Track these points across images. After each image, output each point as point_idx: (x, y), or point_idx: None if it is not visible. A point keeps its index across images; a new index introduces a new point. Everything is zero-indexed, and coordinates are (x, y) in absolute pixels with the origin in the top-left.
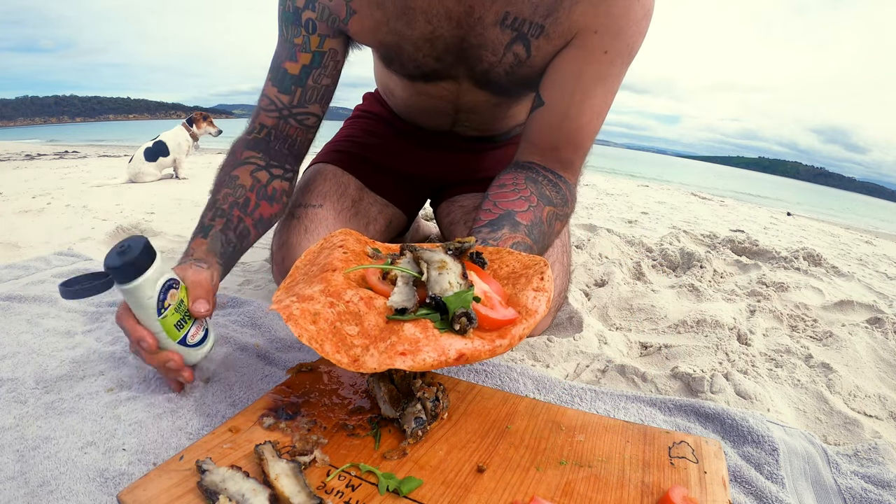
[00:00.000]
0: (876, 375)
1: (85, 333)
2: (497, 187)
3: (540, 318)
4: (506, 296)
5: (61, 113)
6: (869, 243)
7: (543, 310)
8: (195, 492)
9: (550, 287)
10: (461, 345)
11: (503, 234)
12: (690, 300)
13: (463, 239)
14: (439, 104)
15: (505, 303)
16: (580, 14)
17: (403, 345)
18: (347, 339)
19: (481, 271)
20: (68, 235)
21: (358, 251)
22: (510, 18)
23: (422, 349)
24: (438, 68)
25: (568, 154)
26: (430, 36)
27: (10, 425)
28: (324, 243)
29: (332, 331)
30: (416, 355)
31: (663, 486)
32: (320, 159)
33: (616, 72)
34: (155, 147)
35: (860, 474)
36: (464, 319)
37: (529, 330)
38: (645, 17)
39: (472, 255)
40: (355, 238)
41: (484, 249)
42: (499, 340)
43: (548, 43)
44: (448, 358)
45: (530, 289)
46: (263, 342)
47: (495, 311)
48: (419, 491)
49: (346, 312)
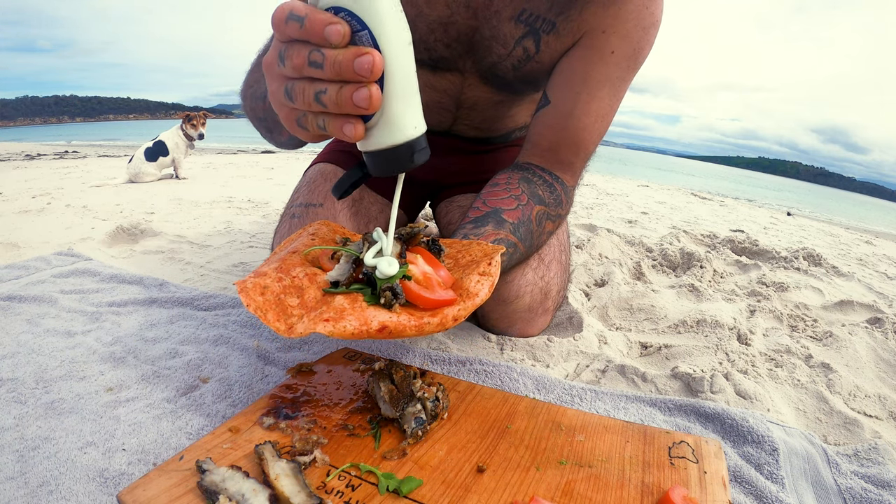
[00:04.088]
0: (876, 375)
1: (85, 333)
2: (490, 186)
3: (480, 302)
4: (451, 281)
5: (61, 113)
6: (869, 243)
7: (485, 293)
8: (195, 492)
9: (496, 272)
10: (385, 317)
11: (486, 230)
12: (690, 300)
13: (412, 225)
14: (442, 98)
15: (448, 287)
16: (591, 14)
17: (329, 313)
18: (288, 309)
19: (431, 257)
20: (68, 235)
21: (328, 239)
22: (526, 14)
23: (345, 317)
24: (447, 56)
25: (568, 155)
26: (447, 21)
27: (10, 425)
28: (301, 231)
29: (276, 302)
30: (337, 322)
31: (663, 486)
32: (321, 159)
33: (622, 74)
34: (155, 147)
35: (860, 474)
36: (388, 293)
37: (467, 312)
38: (653, 26)
39: (429, 242)
40: (330, 228)
41: (452, 242)
42: (427, 318)
43: (557, 40)
44: (370, 328)
45: (476, 273)
46: (263, 342)
47: (431, 291)
48: (419, 491)
49: (291, 286)
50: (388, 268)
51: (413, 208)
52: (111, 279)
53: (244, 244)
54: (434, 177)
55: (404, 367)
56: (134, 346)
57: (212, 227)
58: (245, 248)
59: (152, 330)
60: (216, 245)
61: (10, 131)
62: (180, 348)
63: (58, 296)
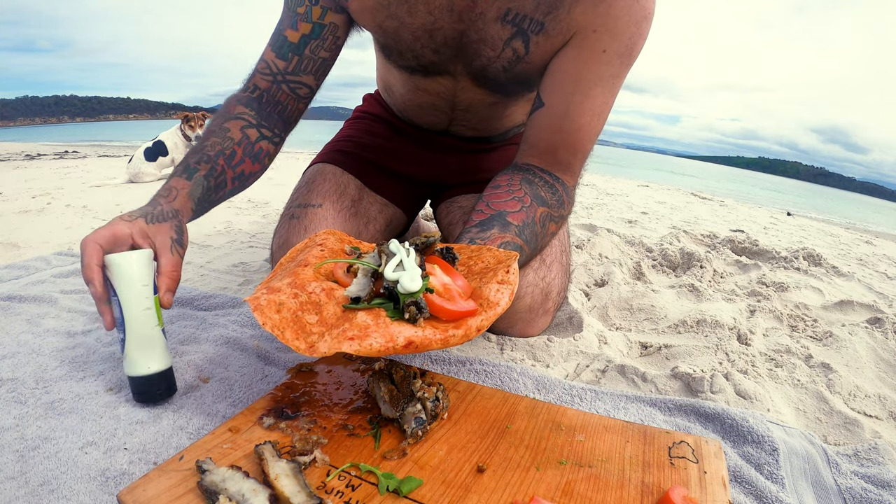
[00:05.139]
0: (876, 375)
1: (85, 333)
2: (492, 188)
3: (501, 311)
4: (470, 290)
5: (61, 113)
6: (869, 243)
7: (506, 302)
8: (195, 492)
9: (515, 280)
10: (410, 332)
11: (492, 234)
12: (690, 300)
13: (427, 234)
14: (436, 101)
15: (467, 296)
16: (580, 13)
17: (353, 330)
18: (307, 326)
19: (448, 266)
20: (68, 235)
21: (336, 249)
22: (511, 14)
23: (370, 335)
24: (436, 61)
25: (566, 156)
26: (431, 27)
27: (10, 425)
28: (308, 242)
29: (293, 319)
30: (363, 340)
31: (663, 486)
32: (320, 159)
33: (615, 72)
34: (154, 147)
35: (860, 474)
36: (413, 308)
37: (489, 322)
38: (645, 19)
39: (443, 250)
40: (338, 237)
41: (463, 247)
42: (452, 330)
43: (547, 41)
44: (396, 344)
45: (495, 282)
46: (263, 342)
47: (453, 302)
48: (419, 491)
49: (308, 303)
50: (410, 283)
51: (413, 209)
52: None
53: (244, 244)
54: (434, 176)
55: (404, 367)
56: None
57: (212, 227)
58: (245, 248)
59: None
60: (216, 245)
61: (10, 131)
62: (180, 348)
63: (58, 296)
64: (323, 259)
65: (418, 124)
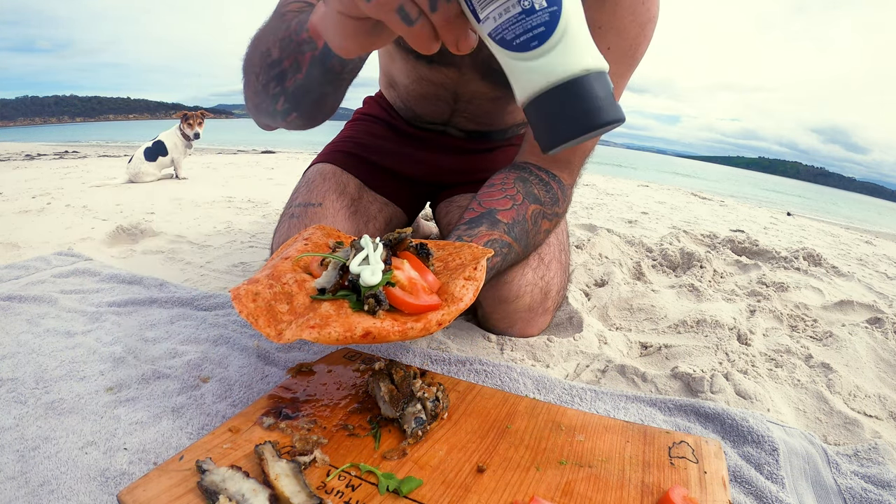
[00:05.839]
0: (876, 375)
1: (85, 333)
2: (486, 187)
3: (465, 307)
4: (438, 285)
5: (61, 113)
6: (869, 243)
7: (469, 298)
8: (195, 492)
9: (481, 276)
10: (369, 323)
11: (480, 231)
12: (690, 300)
13: (400, 230)
14: (439, 91)
15: (434, 292)
16: (586, 8)
17: (315, 319)
18: (278, 315)
19: (418, 262)
20: (68, 235)
21: (321, 243)
22: None
23: (330, 324)
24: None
25: (566, 153)
26: None
27: (10, 425)
28: (296, 236)
29: (266, 308)
30: (322, 329)
31: (663, 486)
32: (320, 159)
33: (619, 71)
34: (154, 147)
35: (860, 474)
36: (371, 300)
37: (451, 316)
38: (650, 22)
39: (417, 246)
40: (325, 232)
41: (443, 244)
42: (411, 323)
43: None
44: (354, 334)
45: (462, 278)
46: (263, 342)
47: (416, 297)
48: (419, 491)
49: (282, 293)
50: (371, 277)
51: (413, 208)
52: (111, 279)
53: (244, 244)
54: (434, 176)
55: (404, 367)
56: (134, 346)
57: (212, 227)
58: (245, 248)
59: (152, 330)
60: (216, 245)
61: (10, 131)
62: (180, 348)
63: (58, 296)
64: (304, 252)
65: (420, 115)
